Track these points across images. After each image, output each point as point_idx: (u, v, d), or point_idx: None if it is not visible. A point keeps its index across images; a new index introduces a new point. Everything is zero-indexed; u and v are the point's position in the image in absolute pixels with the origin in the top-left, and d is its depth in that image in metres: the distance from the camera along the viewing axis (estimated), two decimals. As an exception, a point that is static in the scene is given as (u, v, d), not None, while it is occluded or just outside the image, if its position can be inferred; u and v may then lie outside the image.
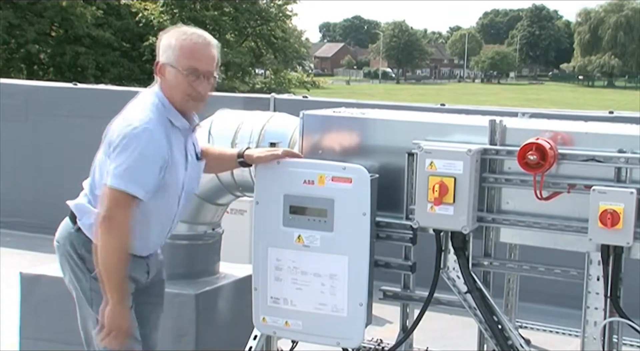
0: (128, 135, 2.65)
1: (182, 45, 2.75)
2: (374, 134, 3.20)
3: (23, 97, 7.59)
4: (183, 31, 2.79)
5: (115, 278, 2.67)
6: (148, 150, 2.65)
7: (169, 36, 2.79)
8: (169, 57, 2.76)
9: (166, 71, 2.77)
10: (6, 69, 28.51)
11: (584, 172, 2.87)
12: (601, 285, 2.84)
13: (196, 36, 2.78)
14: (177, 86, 2.76)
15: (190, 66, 2.75)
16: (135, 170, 2.64)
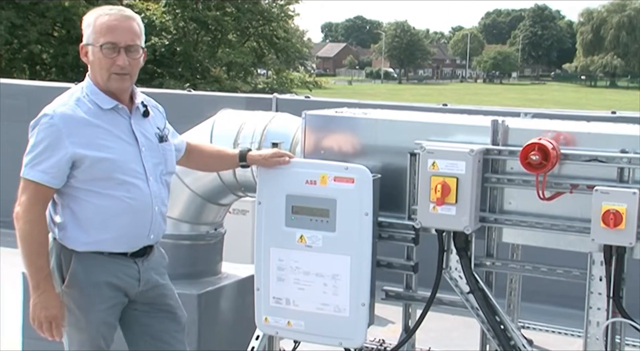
0: (32, 123, 2.66)
1: (98, 22, 2.69)
2: (376, 134, 3.20)
3: (25, 98, 7.59)
4: (101, 9, 2.75)
5: (32, 265, 2.61)
6: (47, 136, 2.60)
7: (87, 17, 2.74)
8: (88, 37, 2.71)
9: (88, 52, 2.72)
10: (9, 69, 28.54)
11: (586, 172, 2.87)
12: (604, 285, 2.84)
13: (114, 12, 2.72)
14: (99, 64, 2.69)
15: (107, 41, 2.67)
16: (34, 156, 2.61)
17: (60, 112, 2.64)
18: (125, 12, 2.75)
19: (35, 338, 4.11)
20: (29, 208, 2.62)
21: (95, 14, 2.74)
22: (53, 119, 2.62)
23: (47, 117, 2.63)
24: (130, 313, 2.83)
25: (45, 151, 2.61)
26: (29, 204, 2.62)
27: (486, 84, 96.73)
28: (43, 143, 2.61)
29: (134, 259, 2.77)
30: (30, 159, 2.62)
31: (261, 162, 3.08)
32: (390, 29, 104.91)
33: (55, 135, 2.61)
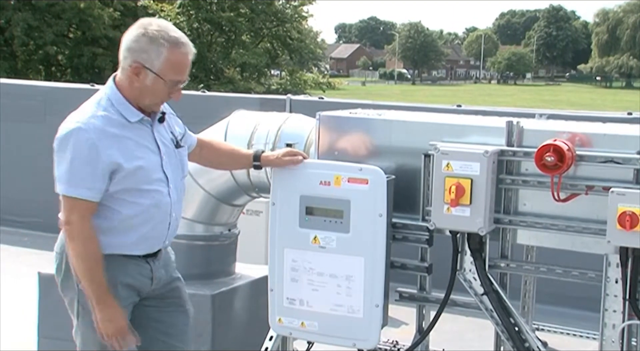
0: (61, 136, 2.60)
1: (173, 58, 2.63)
2: (390, 135, 3.20)
3: (41, 98, 7.66)
4: (172, 37, 2.63)
5: (92, 281, 2.63)
6: (83, 150, 2.57)
7: (153, 39, 2.61)
8: (152, 63, 2.62)
9: (144, 75, 2.63)
10: (25, 71, 28.78)
11: (602, 174, 2.85)
12: (619, 287, 2.82)
13: (185, 47, 2.66)
14: (154, 93, 2.67)
15: (176, 79, 2.67)
16: (75, 172, 2.58)
17: (92, 125, 2.60)
18: (191, 47, 2.70)
19: (50, 338, 4.16)
20: (81, 227, 2.61)
21: (166, 40, 2.61)
22: (88, 133, 2.58)
23: (80, 131, 2.58)
24: (141, 309, 2.85)
25: (84, 166, 2.58)
26: (81, 223, 2.61)
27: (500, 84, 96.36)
28: (81, 158, 2.57)
29: (146, 259, 2.79)
30: (70, 176, 2.59)
31: (275, 162, 3.08)
32: (404, 30, 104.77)
33: (92, 149, 2.58)
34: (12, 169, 7.63)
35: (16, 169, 7.64)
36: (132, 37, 2.64)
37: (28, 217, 7.44)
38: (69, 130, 2.59)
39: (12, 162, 7.64)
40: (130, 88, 2.67)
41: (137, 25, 2.67)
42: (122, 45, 2.67)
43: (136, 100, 2.69)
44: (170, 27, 2.67)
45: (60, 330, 4.09)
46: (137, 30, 2.65)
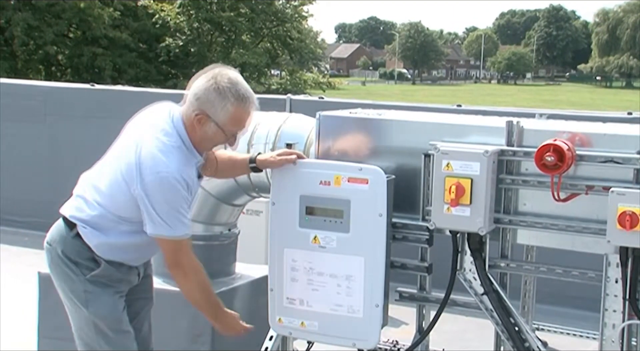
0: (159, 183, 2.68)
1: (237, 114, 2.77)
2: (390, 135, 3.20)
3: (41, 98, 7.66)
4: (240, 93, 2.76)
5: (211, 305, 2.93)
6: (180, 195, 2.72)
7: (222, 94, 2.74)
8: (216, 116, 2.75)
9: (207, 125, 2.77)
10: (25, 70, 28.78)
11: (602, 174, 2.85)
12: (620, 287, 2.82)
13: (250, 104, 2.80)
14: (213, 141, 2.83)
15: (236, 131, 2.84)
16: (176, 216, 2.72)
17: (183, 172, 2.72)
18: (255, 102, 2.84)
19: (50, 338, 4.15)
20: (192, 265, 2.84)
21: (233, 96, 2.74)
22: (180, 181, 2.70)
23: (171, 177, 2.69)
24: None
25: (182, 209, 2.74)
26: (190, 261, 2.83)
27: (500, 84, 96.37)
28: (176, 202, 2.72)
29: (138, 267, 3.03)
30: (173, 219, 2.72)
31: (270, 162, 3.09)
32: (404, 30, 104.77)
33: (186, 193, 2.74)
34: (12, 169, 7.63)
35: (16, 169, 7.64)
36: (202, 86, 2.77)
37: (28, 216, 7.44)
38: (162, 180, 2.68)
39: (12, 162, 7.64)
40: (193, 132, 2.81)
41: (210, 76, 2.78)
42: (191, 90, 2.80)
43: (196, 143, 2.83)
44: (239, 81, 2.80)
45: (60, 330, 4.09)
46: (208, 81, 2.77)
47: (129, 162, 2.73)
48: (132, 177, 2.71)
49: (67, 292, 2.90)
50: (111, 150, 2.92)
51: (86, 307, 2.85)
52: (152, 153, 2.70)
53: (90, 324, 2.86)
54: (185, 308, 3.65)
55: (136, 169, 2.70)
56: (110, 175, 2.81)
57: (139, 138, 2.77)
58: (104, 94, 7.71)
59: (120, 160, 2.79)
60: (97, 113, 7.35)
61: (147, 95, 7.85)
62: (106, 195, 2.82)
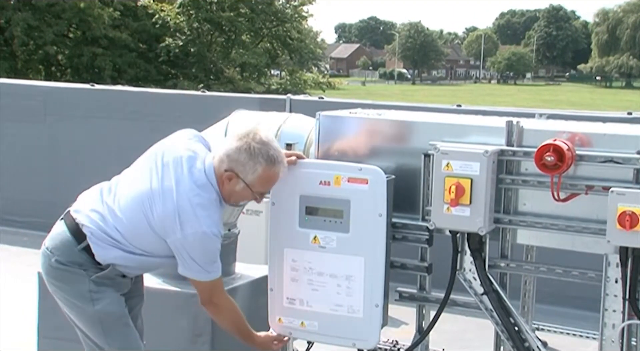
0: (201, 239, 2.76)
1: (266, 176, 2.83)
2: (390, 135, 3.20)
3: (41, 98, 7.65)
4: (270, 156, 2.81)
5: (240, 335, 3.06)
6: (217, 246, 2.83)
7: (253, 155, 2.79)
8: (246, 176, 2.81)
9: (236, 183, 2.83)
10: (25, 70, 28.78)
11: (602, 174, 2.85)
12: (619, 287, 2.82)
13: (279, 167, 2.85)
14: (240, 197, 2.90)
15: (263, 191, 2.92)
16: (212, 262, 2.85)
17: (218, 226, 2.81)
18: (285, 163, 2.90)
19: (50, 338, 4.15)
20: (227, 303, 3.00)
21: (264, 159, 2.80)
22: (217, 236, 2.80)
23: (216, 235, 2.79)
24: None
25: (217, 255, 2.86)
26: (225, 298, 3.00)
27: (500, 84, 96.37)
28: (215, 252, 2.84)
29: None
30: (208, 266, 2.84)
31: None
32: (404, 30, 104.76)
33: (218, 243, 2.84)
34: (12, 169, 7.63)
35: (16, 169, 7.64)
36: (234, 145, 2.82)
37: (28, 216, 7.44)
38: (203, 235, 2.76)
39: (12, 162, 7.64)
40: (222, 186, 2.87)
41: (243, 135, 2.83)
42: (223, 148, 2.85)
43: (224, 197, 2.90)
44: (271, 143, 2.84)
45: (60, 330, 4.09)
46: (241, 141, 2.82)
47: (165, 210, 2.77)
48: (168, 226, 2.77)
49: (68, 294, 2.90)
50: (133, 174, 2.92)
51: (92, 305, 2.86)
52: (193, 208, 2.76)
53: (97, 322, 2.88)
54: (185, 308, 3.65)
55: (175, 221, 2.75)
56: (133, 210, 2.83)
57: (174, 182, 2.79)
58: (104, 94, 7.71)
59: (147, 198, 2.81)
60: (97, 114, 7.35)
61: (147, 95, 7.85)
62: (127, 227, 2.84)
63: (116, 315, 2.91)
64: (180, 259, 2.81)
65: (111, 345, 2.90)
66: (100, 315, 2.88)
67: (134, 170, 2.93)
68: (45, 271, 2.93)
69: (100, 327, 2.89)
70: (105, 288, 2.88)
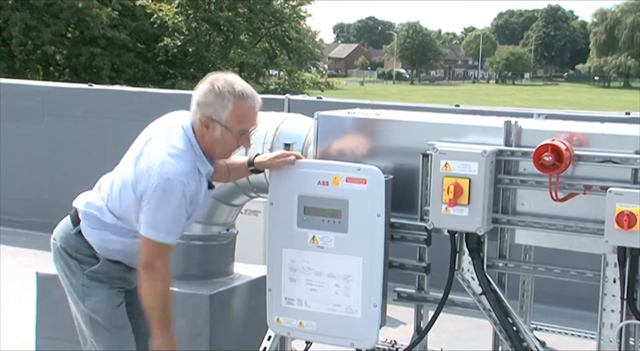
0: (162, 187, 2.70)
1: (238, 111, 2.79)
2: (388, 135, 3.20)
3: (39, 98, 7.65)
4: (237, 90, 2.78)
5: (163, 316, 2.84)
6: (180, 204, 2.73)
7: (220, 94, 2.77)
8: (219, 116, 2.78)
9: (214, 129, 2.80)
10: (23, 70, 28.77)
11: (600, 174, 2.85)
12: (617, 287, 2.82)
13: (250, 99, 2.82)
14: (226, 144, 2.84)
15: (243, 129, 2.84)
16: (168, 221, 2.75)
17: (189, 181, 2.74)
18: (257, 97, 2.85)
19: (48, 338, 4.15)
20: (164, 271, 2.81)
21: (231, 94, 2.77)
22: (185, 189, 2.72)
23: (177, 184, 2.70)
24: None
25: (178, 218, 2.76)
26: (164, 266, 2.81)
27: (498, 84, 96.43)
28: (174, 209, 2.73)
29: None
30: (162, 223, 2.74)
31: (268, 163, 3.10)
32: (402, 30, 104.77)
33: (187, 202, 2.75)
34: (10, 169, 7.63)
35: (14, 169, 7.63)
36: (201, 92, 2.82)
37: (26, 216, 7.44)
38: (169, 182, 2.70)
39: (10, 162, 7.64)
40: (203, 140, 2.83)
41: (207, 81, 2.83)
42: (193, 100, 2.84)
43: (209, 151, 2.85)
44: (236, 80, 2.82)
45: (58, 330, 4.09)
46: (205, 85, 2.82)
47: (141, 168, 2.76)
48: (141, 180, 2.74)
49: (68, 287, 2.96)
50: (126, 154, 2.94)
51: (82, 301, 2.90)
52: (162, 157, 2.74)
53: (87, 318, 2.92)
54: (183, 308, 3.66)
55: (146, 172, 2.74)
56: (120, 178, 2.85)
57: (152, 145, 2.81)
58: (102, 94, 7.71)
59: (131, 165, 2.82)
60: (96, 113, 7.35)
61: (145, 95, 7.84)
62: (113, 196, 2.85)
63: (104, 314, 2.91)
64: (142, 213, 2.75)
65: (97, 345, 2.93)
66: (89, 312, 2.90)
67: (126, 155, 2.95)
68: (53, 263, 3.00)
69: (90, 324, 2.93)
70: (98, 284, 2.90)
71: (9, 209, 7.50)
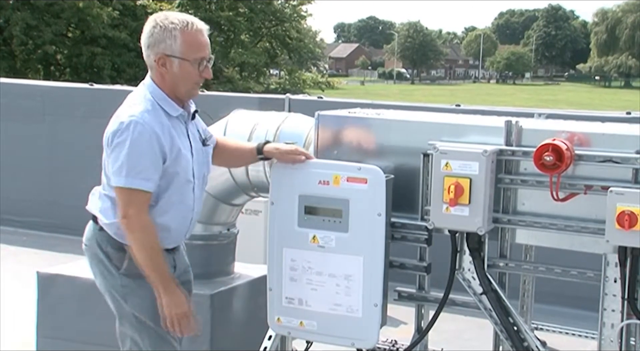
0: (118, 131, 2.68)
1: (189, 38, 2.75)
2: (389, 135, 3.20)
3: (40, 98, 7.65)
4: (181, 20, 2.76)
5: (156, 269, 2.73)
6: (140, 142, 2.66)
7: (165, 28, 2.74)
8: (172, 49, 2.74)
9: (170, 64, 2.76)
10: (23, 70, 28.75)
11: (601, 173, 2.85)
12: (618, 287, 2.82)
13: (197, 25, 2.78)
14: (187, 77, 2.78)
15: (199, 56, 2.78)
16: (133, 164, 2.66)
17: (146, 118, 2.69)
18: (203, 24, 2.83)
19: (49, 337, 4.15)
20: (140, 219, 2.69)
21: (176, 24, 2.74)
22: (144, 125, 2.67)
23: (137, 124, 2.66)
24: None
25: (143, 158, 2.67)
26: (139, 215, 2.69)
27: (499, 84, 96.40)
28: (139, 150, 2.66)
29: (168, 251, 2.89)
30: (129, 168, 2.66)
31: (276, 155, 3.07)
32: (403, 30, 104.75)
33: (151, 140, 2.68)
34: (11, 169, 7.63)
35: (15, 169, 7.63)
36: (146, 34, 2.79)
37: (27, 216, 7.44)
38: (124, 124, 2.67)
39: (11, 161, 7.64)
40: (164, 81, 2.79)
41: (148, 22, 2.81)
42: (142, 45, 2.80)
43: (173, 91, 2.80)
44: (175, 14, 2.80)
45: (59, 330, 4.10)
46: (148, 25, 2.79)
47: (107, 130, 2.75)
48: (104, 143, 2.72)
49: (108, 288, 2.88)
50: None
51: (125, 301, 2.84)
52: (124, 108, 2.75)
53: (131, 317, 2.85)
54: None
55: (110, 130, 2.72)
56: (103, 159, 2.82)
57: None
58: (103, 94, 7.70)
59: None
60: (96, 113, 7.33)
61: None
62: (102, 179, 2.83)
63: (149, 313, 2.81)
64: (109, 166, 2.72)
65: (142, 343, 2.84)
66: (133, 311, 2.83)
67: None
68: (90, 267, 2.93)
69: (135, 323, 2.84)
70: (138, 281, 2.79)
71: (10, 209, 7.50)
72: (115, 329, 2.91)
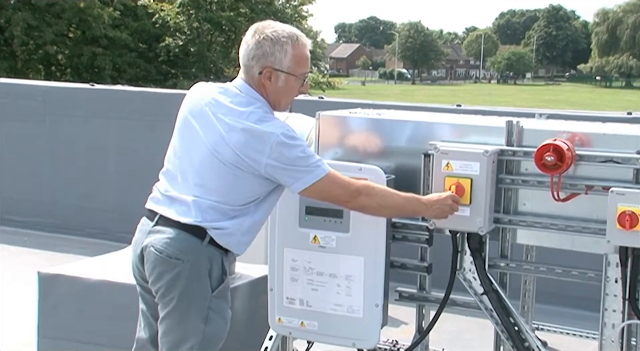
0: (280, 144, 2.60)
1: (297, 52, 2.71)
2: (390, 135, 3.20)
3: (41, 98, 7.65)
4: (290, 34, 2.70)
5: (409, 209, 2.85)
6: (300, 143, 2.69)
7: (276, 41, 2.67)
8: (281, 63, 2.69)
9: (277, 78, 2.70)
10: (24, 70, 28.79)
11: (601, 174, 2.85)
12: (619, 287, 2.82)
13: (303, 40, 2.74)
14: (290, 91, 2.76)
15: (305, 73, 2.78)
16: (309, 157, 2.66)
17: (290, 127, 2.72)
18: (305, 36, 2.77)
19: (50, 338, 4.15)
20: (356, 188, 2.72)
21: (287, 38, 2.69)
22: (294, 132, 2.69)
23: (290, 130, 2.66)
24: None
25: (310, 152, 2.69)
26: (348, 184, 2.72)
27: (500, 84, 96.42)
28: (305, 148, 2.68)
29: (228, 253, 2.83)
30: (314, 160, 2.67)
31: None
32: (403, 30, 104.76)
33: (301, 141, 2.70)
34: (12, 169, 7.63)
35: (16, 169, 7.64)
36: (252, 45, 2.70)
37: (28, 216, 7.44)
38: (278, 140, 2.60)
39: (12, 161, 7.64)
40: (265, 93, 2.74)
41: (253, 32, 2.72)
42: (245, 54, 2.72)
43: (273, 105, 2.77)
44: (282, 25, 2.74)
45: (60, 330, 4.09)
46: (255, 37, 2.70)
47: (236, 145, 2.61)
48: (251, 157, 2.61)
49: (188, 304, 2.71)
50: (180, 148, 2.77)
51: (204, 324, 2.73)
52: (255, 126, 2.61)
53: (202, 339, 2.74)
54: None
55: (250, 148, 2.60)
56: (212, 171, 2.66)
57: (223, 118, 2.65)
58: (103, 94, 7.70)
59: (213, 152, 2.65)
60: (97, 113, 7.34)
61: (147, 94, 7.84)
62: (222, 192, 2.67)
63: (220, 337, 2.80)
64: (285, 177, 2.64)
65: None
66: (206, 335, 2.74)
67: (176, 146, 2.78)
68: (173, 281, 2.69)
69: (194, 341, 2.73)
70: (223, 306, 2.76)
71: (11, 209, 7.50)
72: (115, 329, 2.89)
